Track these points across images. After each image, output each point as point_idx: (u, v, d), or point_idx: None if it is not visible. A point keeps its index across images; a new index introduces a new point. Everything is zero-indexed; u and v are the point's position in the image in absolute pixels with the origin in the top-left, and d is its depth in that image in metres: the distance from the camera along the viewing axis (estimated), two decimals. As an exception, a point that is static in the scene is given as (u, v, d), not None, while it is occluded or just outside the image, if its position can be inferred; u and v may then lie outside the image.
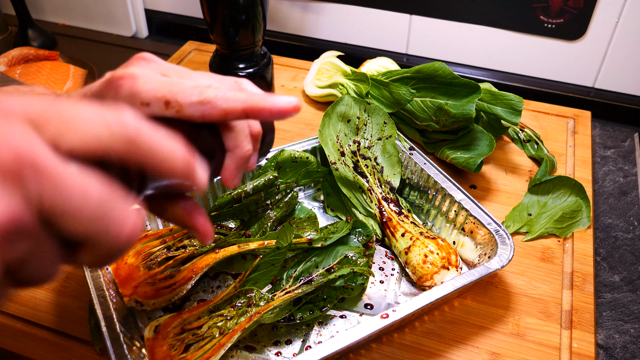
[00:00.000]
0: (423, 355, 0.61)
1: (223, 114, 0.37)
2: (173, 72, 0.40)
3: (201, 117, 0.37)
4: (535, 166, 0.88)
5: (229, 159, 0.40)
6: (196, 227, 0.40)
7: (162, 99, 0.36)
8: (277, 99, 0.38)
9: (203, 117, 0.37)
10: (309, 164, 0.75)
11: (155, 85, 0.37)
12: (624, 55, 0.99)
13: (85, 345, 0.61)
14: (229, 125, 0.40)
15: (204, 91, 0.37)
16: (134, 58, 0.40)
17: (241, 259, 0.68)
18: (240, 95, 0.37)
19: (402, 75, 0.86)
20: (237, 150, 0.40)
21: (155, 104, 0.36)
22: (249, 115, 0.37)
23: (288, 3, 1.16)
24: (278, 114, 0.38)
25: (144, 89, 0.36)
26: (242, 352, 0.60)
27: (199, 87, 0.37)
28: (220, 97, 0.37)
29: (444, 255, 0.65)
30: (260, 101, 0.37)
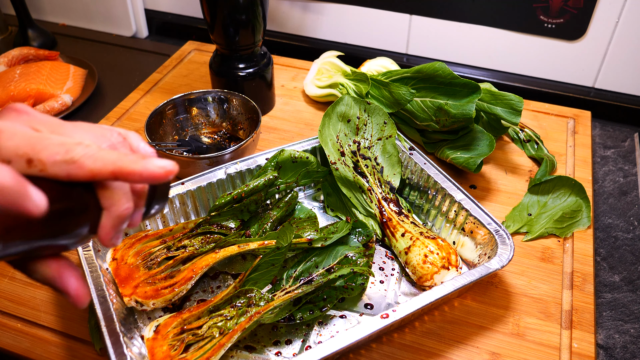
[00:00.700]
0: (423, 355, 0.61)
1: (90, 175, 0.35)
2: (45, 126, 0.37)
3: (67, 177, 0.34)
4: (535, 166, 0.88)
5: (104, 218, 0.38)
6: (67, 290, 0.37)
7: (24, 156, 0.34)
8: (149, 163, 0.36)
9: (69, 177, 0.35)
10: (309, 164, 0.75)
11: (18, 141, 0.34)
12: (624, 55, 0.99)
13: (85, 345, 0.61)
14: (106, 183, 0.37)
15: (71, 149, 0.35)
16: (5, 109, 0.38)
17: (241, 259, 0.68)
18: (110, 155, 0.35)
19: (402, 75, 0.86)
20: (113, 209, 0.38)
21: (17, 161, 0.34)
22: (118, 178, 0.35)
23: (288, 3, 1.16)
24: (148, 178, 0.36)
25: (5, 145, 0.34)
26: (242, 352, 0.60)
27: (66, 144, 0.35)
28: (88, 157, 0.35)
29: (444, 255, 0.65)
30: (131, 164, 0.35)
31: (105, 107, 1.02)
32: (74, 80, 1.04)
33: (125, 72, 1.13)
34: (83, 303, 0.38)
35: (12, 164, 0.34)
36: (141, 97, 1.02)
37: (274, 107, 1.01)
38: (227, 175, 0.73)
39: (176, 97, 0.87)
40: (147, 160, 0.36)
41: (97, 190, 0.37)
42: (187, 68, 1.11)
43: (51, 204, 0.33)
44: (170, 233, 0.67)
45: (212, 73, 0.95)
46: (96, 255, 0.61)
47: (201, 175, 0.72)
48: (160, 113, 0.86)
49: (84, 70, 1.08)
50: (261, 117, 0.84)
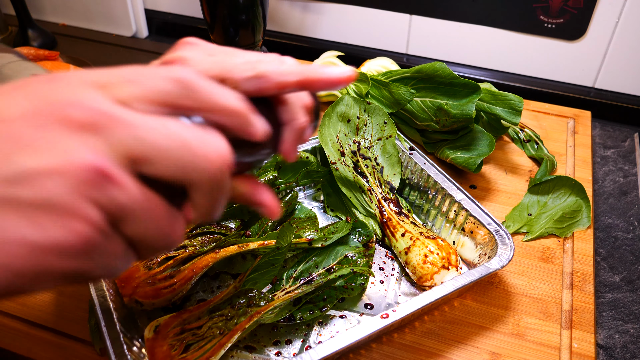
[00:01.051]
0: (423, 355, 0.61)
1: (278, 87, 0.37)
2: (219, 52, 0.40)
3: (257, 91, 0.37)
4: (535, 166, 0.88)
5: (287, 132, 0.40)
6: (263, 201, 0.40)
7: (217, 77, 0.36)
8: (331, 70, 0.38)
9: (259, 91, 0.37)
10: (309, 164, 0.75)
11: (207, 65, 0.37)
12: (624, 55, 0.99)
13: (85, 345, 0.61)
14: (282, 98, 0.40)
15: (257, 66, 0.37)
16: (179, 43, 0.41)
17: (241, 259, 0.68)
18: (292, 68, 0.38)
19: (402, 75, 0.86)
20: (294, 123, 0.40)
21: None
22: (304, 87, 0.38)
23: (288, 3, 1.16)
24: (333, 83, 0.38)
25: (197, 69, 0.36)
26: (242, 352, 0.60)
27: (250, 62, 0.38)
28: (273, 71, 0.37)
29: (444, 255, 0.65)
30: (315, 72, 0.38)
31: (105, 107, 1.02)
32: (74, 80, 1.04)
33: (125, 72, 1.13)
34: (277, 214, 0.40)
35: None
36: (141, 97, 1.02)
37: (274, 107, 1.01)
38: (227, 175, 0.73)
39: (176, 97, 0.87)
40: (329, 68, 0.38)
41: (277, 106, 0.39)
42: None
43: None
44: (170, 233, 0.67)
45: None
46: (96, 255, 0.61)
47: (201, 175, 0.72)
48: (160, 113, 0.86)
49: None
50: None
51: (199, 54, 0.39)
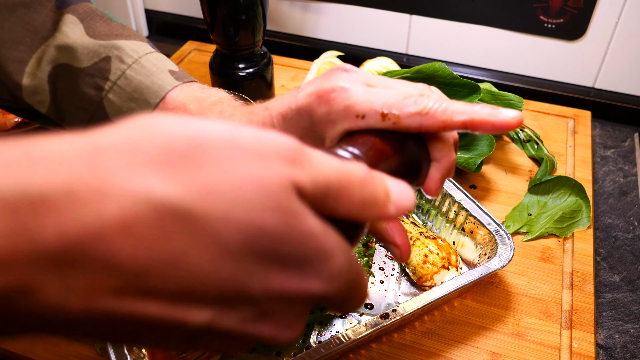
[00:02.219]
0: (423, 355, 0.61)
1: (442, 126, 0.36)
2: (377, 82, 0.39)
3: (418, 128, 0.36)
4: (535, 166, 0.88)
5: (435, 169, 0.39)
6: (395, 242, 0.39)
7: (379, 111, 0.36)
8: (503, 112, 0.37)
9: (420, 128, 0.36)
10: (309, 164, 0.75)
11: (368, 97, 0.36)
12: (624, 55, 0.99)
13: (86, 345, 0.61)
14: (437, 135, 0.38)
15: (420, 101, 0.36)
16: (334, 69, 0.40)
17: (241, 259, 0.67)
18: (459, 106, 0.36)
19: (402, 75, 0.86)
20: (444, 160, 0.39)
21: (372, 116, 0.36)
22: (468, 128, 0.36)
23: (288, 3, 1.16)
24: (502, 128, 0.36)
25: (358, 101, 0.36)
26: (242, 352, 0.60)
27: (413, 96, 0.36)
28: (437, 108, 0.36)
29: (444, 256, 0.65)
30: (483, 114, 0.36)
31: (105, 107, 1.02)
32: (74, 80, 1.04)
33: (125, 72, 1.13)
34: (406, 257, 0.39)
35: (367, 118, 0.36)
36: (141, 97, 1.02)
37: (274, 107, 1.01)
38: (227, 175, 0.73)
39: (176, 97, 0.87)
40: (497, 111, 0.37)
41: (430, 142, 0.39)
42: (187, 68, 1.11)
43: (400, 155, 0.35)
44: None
45: (212, 73, 0.95)
46: (96, 255, 0.61)
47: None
48: (160, 113, 0.86)
49: (84, 70, 1.08)
50: (261, 117, 0.84)
51: (356, 85, 0.38)
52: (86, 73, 0.49)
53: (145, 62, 0.49)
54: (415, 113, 0.36)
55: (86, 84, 0.49)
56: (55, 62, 0.50)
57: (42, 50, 0.50)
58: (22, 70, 0.50)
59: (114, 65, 0.49)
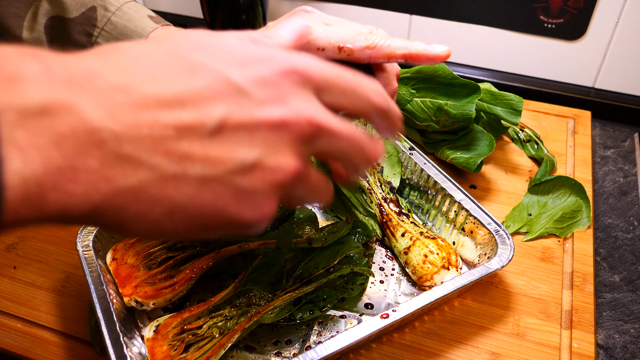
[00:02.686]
0: (423, 355, 0.61)
1: (386, 57, 0.44)
2: (334, 22, 0.47)
3: (368, 59, 0.44)
4: (535, 166, 0.88)
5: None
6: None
7: (336, 44, 0.44)
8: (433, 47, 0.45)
9: (369, 59, 0.44)
10: (309, 164, 0.75)
11: (327, 33, 0.44)
12: (624, 55, 0.99)
13: (85, 345, 0.61)
14: (382, 66, 0.46)
15: (369, 37, 0.44)
16: (297, 10, 0.47)
17: (241, 259, 0.68)
18: (400, 42, 0.44)
19: (402, 75, 0.86)
20: (388, 88, 0.47)
21: (330, 49, 0.44)
22: (407, 60, 0.44)
23: (288, 3, 1.16)
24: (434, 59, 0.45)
25: (318, 36, 0.44)
26: (242, 352, 0.60)
27: (362, 33, 0.44)
28: (383, 42, 0.44)
29: (444, 256, 0.65)
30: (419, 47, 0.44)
31: (105, 107, 1.02)
32: (74, 80, 1.04)
33: (125, 72, 1.13)
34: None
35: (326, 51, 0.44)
36: (141, 97, 1.02)
37: (274, 107, 1.01)
38: (227, 175, 0.73)
39: (176, 97, 0.87)
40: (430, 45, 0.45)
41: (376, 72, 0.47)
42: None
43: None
44: (170, 233, 0.67)
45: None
46: (96, 256, 0.61)
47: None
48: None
49: (84, 70, 1.08)
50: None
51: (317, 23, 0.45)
52: (76, 22, 0.55)
53: (127, 9, 0.57)
54: (365, 47, 0.44)
55: (77, 32, 0.56)
56: (48, 15, 0.56)
57: (36, 6, 0.56)
58: (20, 25, 0.55)
59: (100, 13, 0.56)
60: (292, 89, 0.29)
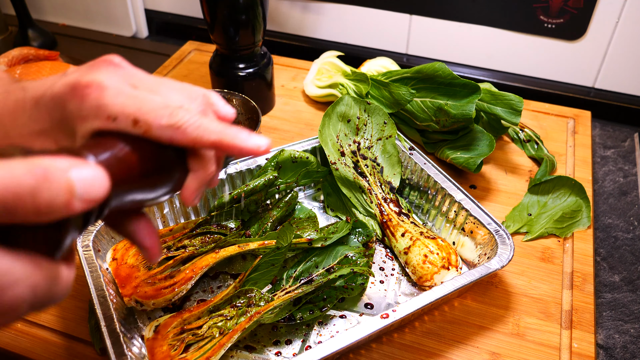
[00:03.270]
0: (423, 355, 0.61)
1: (192, 142, 0.35)
2: (143, 84, 0.38)
3: (169, 141, 0.35)
4: (535, 166, 0.88)
5: (191, 179, 0.39)
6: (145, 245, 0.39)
7: (131, 116, 0.34)
8: (249, 139, 0.37)
9: (171, 141, 0.35)
10: (309, 164, 0.75)
11: (124, 100, 0.35)
12: (624, 55, 0.99)
13: (85, 345, 0.61)
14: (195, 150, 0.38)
15: (175, 113, 0.35)
16: (101, 60, 0.38)
17: (241, 259, 0.68)
18: (211, 126, 0.36)
19: (402, 75, 0.86)
20: (201, 172, 0.39)
21: (123, 120, 0.34)
22: (218, 149, 0.36)
23: (288, 3, 1.16)
24: (247, 153, 0.37)
25: (111, 102, 0.34)
26: (242, 352, 0.60)
27: (169, 107, 0.35)
28: (191, 124, 0.35)
29: (444, 256, 0.65)
30: (232, 138, 0.36)
31: (105, 107, 1.02)
32: (74, 80, 1.04)
33: (125, 72, 1.13)
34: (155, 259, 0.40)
35: (118, 122, 0.34)
36: (141, 97, 1.02)
37: (274, 107, 1.01)
38: (227, 175, 0.73)
39: (176, 97, 0.87)
40: (248, 136, 0.37)
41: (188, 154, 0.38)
42: (187, 68, 1.11)
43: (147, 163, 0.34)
44: (170, 233, 0.67)
45: (212, 73, 0.95)
46: (96, 256, 0.61)
47: (201, 175, 0.72)
48: (160, 113, 0.86)
49: (84, 70, 1.08)
50: (261, 117, 0.84)
51: (119, 83, 0.36)
52: None
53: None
54: (166, 125, 0.35)
55: None
56: None
57: None
58: None
59: None
60: None
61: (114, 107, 0.34)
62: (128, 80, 0.37)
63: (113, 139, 0.34)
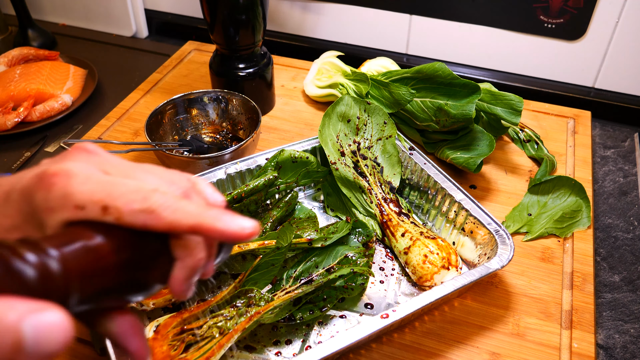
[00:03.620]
0: (423, 355, 0.61)
1: (168, 227, 0.32)
2: (116, 169, 0.35)
3: (143, 227, 0.32)
4: (535, 166, 0.88)
5: (177, 269, 0.35)
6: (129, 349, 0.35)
7: (99, 203, 0.31)
8: (232, 222, 0.33)
9: (145, 227, 0.32)
10: (309, 164, 0.75)
11: (92, 186, 0.32)
12: (624, 55, 0.99)
13: (85, 345, 0.61)
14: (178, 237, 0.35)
15: (149, 197, 0.32)
16: (74, 148, 0.36)
17: (241, 259, 0.68)
18: (189, 208, 0.33)
19: (402, 75, 0.86)
20: (187, 260, 0.34)
21: (91, 208, 0.31)
22: (197, 233, 0.33)
23: (288, 3, 1.16)
24: (230, 238, 0.33)
25: (78, 190, 0.32)
26: (242, 352, 0.60)
27: (142, 191, 0.32)
28: (166, 207, 0.32)
29: (444, 256, 0.65)
30: (213, 220, 0.33)
31: (105, 107, 1.02)
32: (74, 80, 1.04)
33: (125, 72, 1.13)
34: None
35: (86, 210, 0.32)
36: (141, 97, 1.02)
37: (274, 107, 1.01)
38: (227, 175, 0.73)
39: (176, 97, 0.87)
40: (230, 218, 0.33)
41: (171, 240, 0.35)
42: (187, 68, 1.11)
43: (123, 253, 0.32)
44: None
45: (212, 73, 0.95)
46: (96, 255, 0.61)
47: (201, 175, 0.72)
48: (160, 113, 0.86)
49: (84, 70, 1.08)
50: (261, 117, 0.84)
51: (88, 169, 0.33)
52: None
53: None
54: (138, 210, 0.32)
55: None
56: None
57: None
58: None
59: None
60: None
61: (81, 195, 0.32)
62: (100, 166, 0.35)
63: (84, 229, 0.31)
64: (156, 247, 0.34)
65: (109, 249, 0.31)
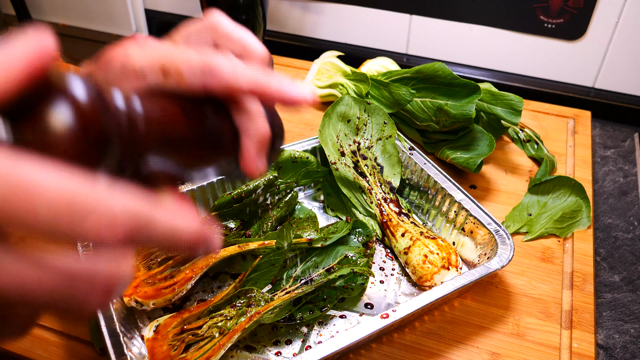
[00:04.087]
0: (423, 355, 0.61)
1: (226, 87, 0.31)
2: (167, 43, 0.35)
3: (202, 88, 0.31)
4: (535, 166, 0.88)
5: (247, 141, 0.34)
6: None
7: (159, 65, 0.31)
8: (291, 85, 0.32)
9: (205, 88, 0.31)
10: (309, 164, 0.75)
11: (150, 53, 0.31)
12: (624, 55, 0.99)
13: (85, 345, 0.61)
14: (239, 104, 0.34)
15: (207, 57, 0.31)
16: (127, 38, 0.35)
17: (241, 259, 0.68)
18: (248, 70, 0.32)
19: (402, 75, 0.86)
20: (253, 130, 0.34)
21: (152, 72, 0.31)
22: (256, 94, 0.32)
23: (288, 3, 1.16)
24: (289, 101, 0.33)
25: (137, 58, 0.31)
26: (242, 352, 0.60)
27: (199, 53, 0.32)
28: (225, 65, 0.31)
29: (444, 256, 0.65)
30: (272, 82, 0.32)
31: (105, 107, 1.02)
32: (74, 80, 1.04)
33: (125, 72, 1.13)
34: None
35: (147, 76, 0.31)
36: (141, 97, 1.02)
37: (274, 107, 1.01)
38: (227, 175, 0.73)
39: (176, 97, 0.87)
40: (289, 82, 0.32)
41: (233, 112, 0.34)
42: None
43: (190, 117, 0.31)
44: (170, 233, 0.67)
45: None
46: (96, 255, 0.61)
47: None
48: (160, 113, 0.86)
49: (84, 70, 1.08)
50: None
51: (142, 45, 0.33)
52: None
53: None
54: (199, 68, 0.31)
55: None
56: None
57: None
58: None
59: None
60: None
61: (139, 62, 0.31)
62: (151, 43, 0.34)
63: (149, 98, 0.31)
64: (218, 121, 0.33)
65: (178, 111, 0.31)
